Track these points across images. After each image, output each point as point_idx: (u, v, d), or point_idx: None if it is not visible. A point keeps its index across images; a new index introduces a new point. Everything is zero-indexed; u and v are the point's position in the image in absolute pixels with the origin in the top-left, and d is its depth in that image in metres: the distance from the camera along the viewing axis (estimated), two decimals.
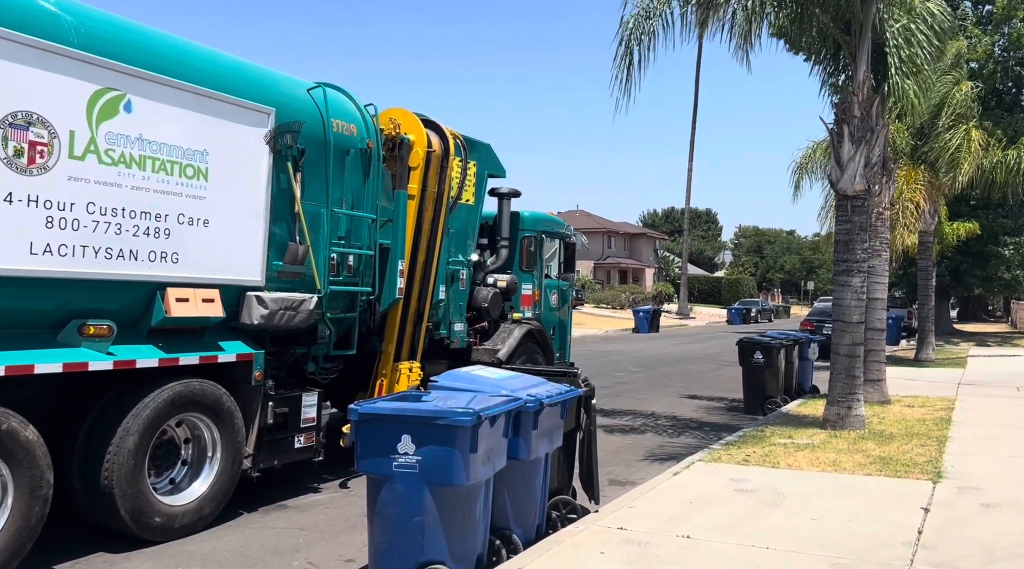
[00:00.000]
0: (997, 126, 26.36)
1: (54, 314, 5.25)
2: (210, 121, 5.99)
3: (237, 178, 6.19)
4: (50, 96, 5.01)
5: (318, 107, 6.99)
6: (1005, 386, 14.82)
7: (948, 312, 40.00)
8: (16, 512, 4.75)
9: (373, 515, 4.39)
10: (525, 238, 10.45)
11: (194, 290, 5.86)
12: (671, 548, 5.13)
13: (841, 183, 9.87)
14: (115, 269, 5.38)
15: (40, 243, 4.97)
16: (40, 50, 4.94)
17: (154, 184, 5.61)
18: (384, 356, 7.99)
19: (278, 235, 6.53)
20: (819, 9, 10.11)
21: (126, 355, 5.47)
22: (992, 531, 5.63)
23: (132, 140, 5.47)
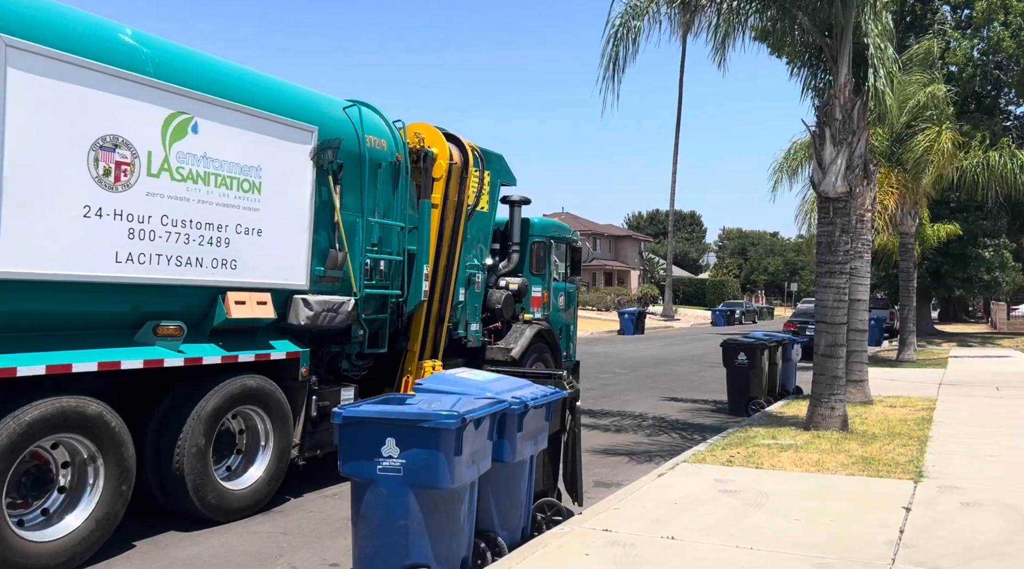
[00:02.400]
0: (976, 129, 26.67)
1: (131, 316, 5.82)
2: (263, 139, 6.58)
3: (285, 191, 6.78)
4: (131, 120, 5.58)
5: (353, 124, 7.60)
6: (985, 386, 14.98)
7: (929, 313, 40.37)
8: (106, 492, 5.34)
9: (357, 518, 4.37)
10: (535, 243, 11.11)
11: (250, 293, 6.45)
12: (656, 549, 5.15)
13: (823, 185, 9.94)
14: (184, 275, 5.97)
15: (123, 252, 5.54)
16: (123, 79, 5.53)
17: (216, 197, 6.20)
18: (409, 354, 8.58)
19: (320, 243, 7.12)
20: (800, 12, 10.19)
21: (194, 353, 6.08)
22: (972, 530, 5.69)
23: (198, 158, 6.06)
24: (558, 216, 63.10)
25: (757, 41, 12.29)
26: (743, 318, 52.34)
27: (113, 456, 5.37)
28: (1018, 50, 27.50)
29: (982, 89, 30.60)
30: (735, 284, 77.15)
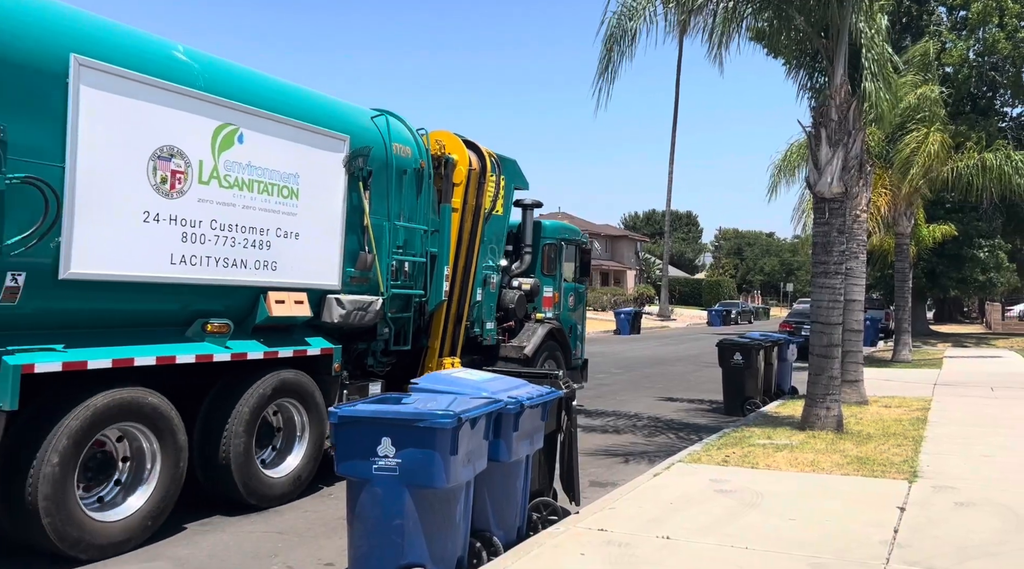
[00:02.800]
0: (972, 130, 26.73)
1: (182, 314, 6.23)
2: (301, 148, 6.99)
3: (320, 197, 7.20)
4: (185, 131, 5.97)
5: (381, 133, 8.03)
6: (980, 386, 15.02)
7: (924, 313, 40.49)
8: (163, 476, 5.74)
9: (353, 518, 4.37)
10: (546, 245, 11.48)
11: (288, 293, 6.87)
12: (651, 549, 5.15)
13: (819, 186, 9.96)
14: (230, 276, 6.38)
15: (177, 255, 5.95)
16: (178, 94, 5.92)
17: (259, 203, 6.60)
18: (430, 351, 9.00)
19: (351, 245, 7.53)
20: (797, 12, 10.20)
21: (239, 348, 6.50)
22: (966, 529, 5.71)
23: (243, 166, 6.45)
24: (555, 216, 63.09)
25: (754, 42, 12.32)
26: (739, 318, 52.38)
27: (169, 443, 5.77)
28: (1014, 51, 27.59)
29: (978, 90, 30.69)
30: (731, 284, 77.20)
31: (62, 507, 5.09)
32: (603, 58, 9.91)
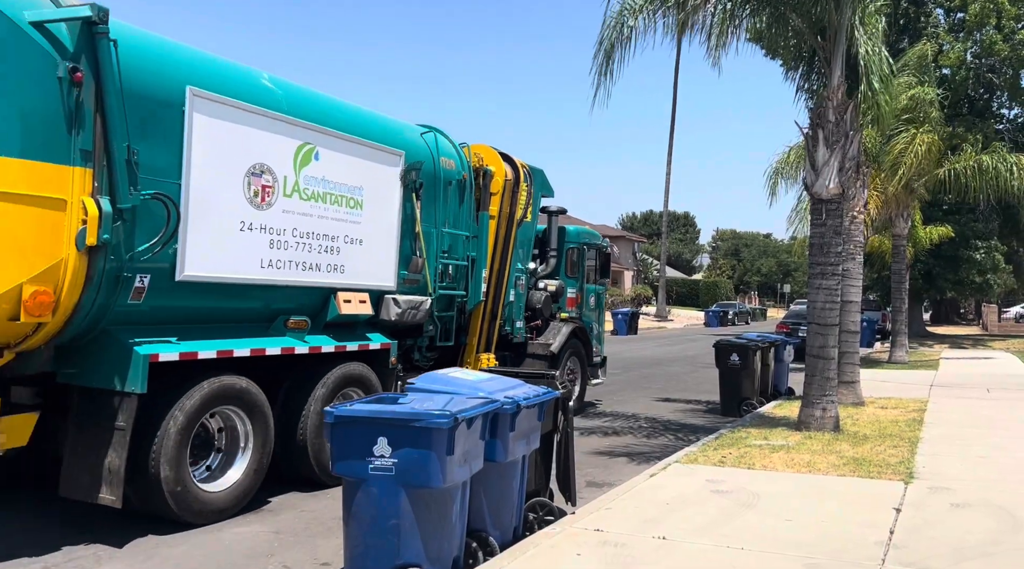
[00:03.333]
0: (969, 131, 26.78)
1: (266, 311, 7.03)
2: (365, 163, 7.79)
3: (380, 207, 8.00)
4: (272, 150, 6.76)
5: (429, 148, 8.89)
6: (976, 388, 15.05)
7: (921, 315, 40.55)
8: (255, 452, 6.51)
9: (349, 518, 4.36)
10: (570, 249, 12.23)
11: (354, 293, 7.69)
12: (647, 549, 5.15)
13: (816, 187, 9.97)
14: (307, 278, 7.17)
15: (266, 260, 6.74)
16: (266, 117, 6.70)
17: (331, 213, 7.38)
18: (468, 347, 9.85)
19: (404, 250, 8.38)
20: (795, 13, 10.21)
21: (315, 342, 7.28)
22: (962, 530, 5.72)
23: (319, 181, 7.24)
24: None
25: (752, 42, 12.33)
26: (736, 319, 52.40)
27: (260, 424, 6.54)
28: (1011, 53, 27.64)
29: (975, 92, 30.73)
30: (728, 285, 77.24)
31: (179, 477, 5.87)
32: (602, 58, 9.91)
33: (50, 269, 5.27)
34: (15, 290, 5.13)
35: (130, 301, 5.80)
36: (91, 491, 5.61)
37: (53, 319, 5.40)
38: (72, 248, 5.33)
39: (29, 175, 5.14)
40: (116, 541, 5.67)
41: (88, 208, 5.34)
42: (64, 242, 5.31)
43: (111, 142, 5.48)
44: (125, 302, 5.80)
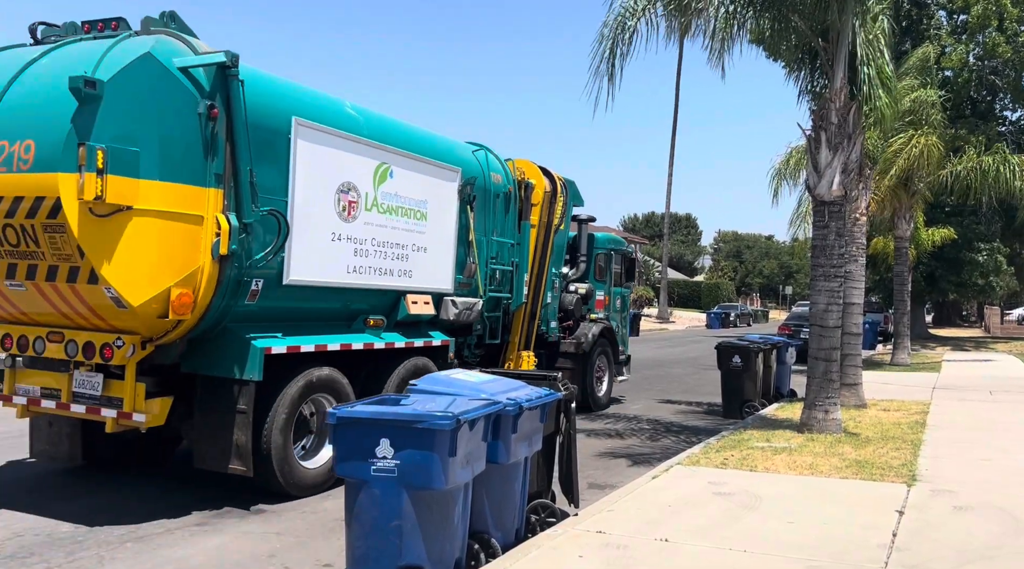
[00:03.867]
0: (972, 133, 26.74)
1: (347, 311, 7.97)
2: (429, 180, 8.71)
3: (440, 218, 8.91)
4: (356, 170, 7.66)
5: (480, 164, 9.84)
6: (978, 390, 15.02)
7: (923, 317, 40.49)
8: None
9: (351, 519, 4.36)
10: (598, 254, 13.09)
11: (419, 295, 8.65)
12: (649, 551, 5.15)
13: (818, 189, 9.96)
14: (383, 282, 8.13)
15: (351, 266, 7.69)
16: (351, 141, 7.60)
17: (401, 225, 8.32)
18: (511, 345, 10.78)
19: (460, 257, 9.31)
20: (797, 15, 10.20)
21: (389, 339, 8.22)
22: (965, 533, 5.71)
23: (392, 196, 8.17)
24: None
25: (754, 44, 12.31)
26: (738, 321, 52.36)
27: None
28: (1014, 55, 27.60)
29: (977, 94, 30.69)
30: (730, 287, 77.19)
31: (285, 454, 6.79)
32: (602, 61, 9.91)
33: (191, 275, 6.22)
34: (165, 292, 6.07)
35: (246, 302, 6.76)
36: (222, 462, 6.60)
37: (190, 317, 6.33)
38: (208, 257, 6.29)
39: (176, 196, 6.09)
40: (116, 542, 5.68)
41: (221, 223, 6.31)
42: (201, 252, 6.27)
43: (238, 166, 6.43)
44: (243, 303, 6.74)
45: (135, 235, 5.86)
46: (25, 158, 5.71)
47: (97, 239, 5.71)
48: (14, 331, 6.68)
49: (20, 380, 6.88)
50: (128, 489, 7.12)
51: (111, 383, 6.46)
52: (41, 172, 5.64)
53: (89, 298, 5.99)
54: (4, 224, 5.89)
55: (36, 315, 6.51)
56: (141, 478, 7.48)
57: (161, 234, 6.01)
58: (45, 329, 6.54)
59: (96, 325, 6.32)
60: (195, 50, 6.33)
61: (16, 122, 5.82)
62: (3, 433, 9.01)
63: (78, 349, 6.37)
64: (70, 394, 6.60)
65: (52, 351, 6.49)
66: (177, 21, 6.54)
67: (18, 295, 6.31)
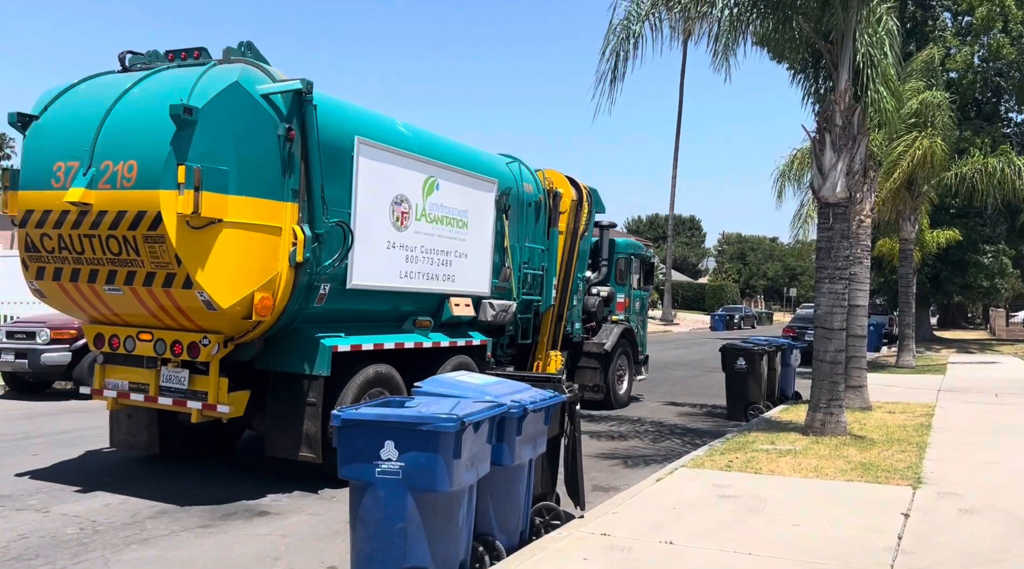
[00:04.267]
0: (977, 135, 26.69)
1: (397, 313, 8.59)
2: (470, 191, 9.33)
3: (479, 226, 9.56)
4: (408, 183, 8.30)
5: (514, 176, 10.48)
6: (984, 392, 14.98)
7: (928, 319, 40.37)
8: None
9: (355, 521, 4.36)
10: (619, 259, 13.67)
11: (461, 298, 9.27)
12: (654, 554, 5.14)
13: (823, 191, 9.95)
14: (430, 285, 8.77)
15: (403, 271, 8.31)
16: (404, 157, 8.23)
17: (446, 233, 8.93)
18: (540, 345, 11.36)
19: (496, 262, 9.95)
20: (802, 18, 10.20)
21: (435, 338, 8.85)
22: (971, 536, 5.69)
23: (438, 206, 8.77)
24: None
25: (758, 46, 12.31)
26: (742, 323, 52.30)
27: None
28: (1018, 57, 27.54)
29: (982, 96, 30.62)
30: (734, 289, 77.11)
31: None
32: (607, 65, 9.93)
33: (271, 280, 6.86)
34: (249, 296, 6.70)
35: (315, 305, 7.35)
36: (293, 451, 7.12)
37: (269, 318, 6.96)
38: (285, 264, 6.92)
39: (258, 210, 6.73)
40: (121, 544, 5.69)
41: (297, 234, 6.95)
42: (279, 259, 6.90)
43: (311, 182, 7.04)
44: (312, 305, 7.33)
45: (224, 245, 6.51)
46: (128, 177, 6.41)
47: (192, 249, 6.37)
48: (106, 331, 7.35)
49: (109, 375, 7.51)
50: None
51: (196, 378, 7.11)
52: (143, 189, 6.32)
53: (182, 301, 6.61)
54: (107, 235, 6.54)
55: (128, 316, 7.13)
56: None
57: (246, 244, 6.68)
58: (135, 329, 7.19)
59: (184, 325, 6.94)
60: (272, 77, 6.97)
61: (118, 144, 6.49)
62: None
63: (166, 347, 7.02)
64: (157, 388, 7.23)
65: (142, 349, 7.16)
66: (253, 50, 7.15)
67: (115, 298, 6.90)
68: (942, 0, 30.39)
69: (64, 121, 6.94)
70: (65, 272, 6.96)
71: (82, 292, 7.01)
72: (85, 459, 8.37)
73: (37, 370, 12.49)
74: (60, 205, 6.60)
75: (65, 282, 7.00)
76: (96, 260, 6.73)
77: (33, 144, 7.06)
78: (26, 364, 12.45)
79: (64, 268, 6.95)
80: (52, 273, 7.04)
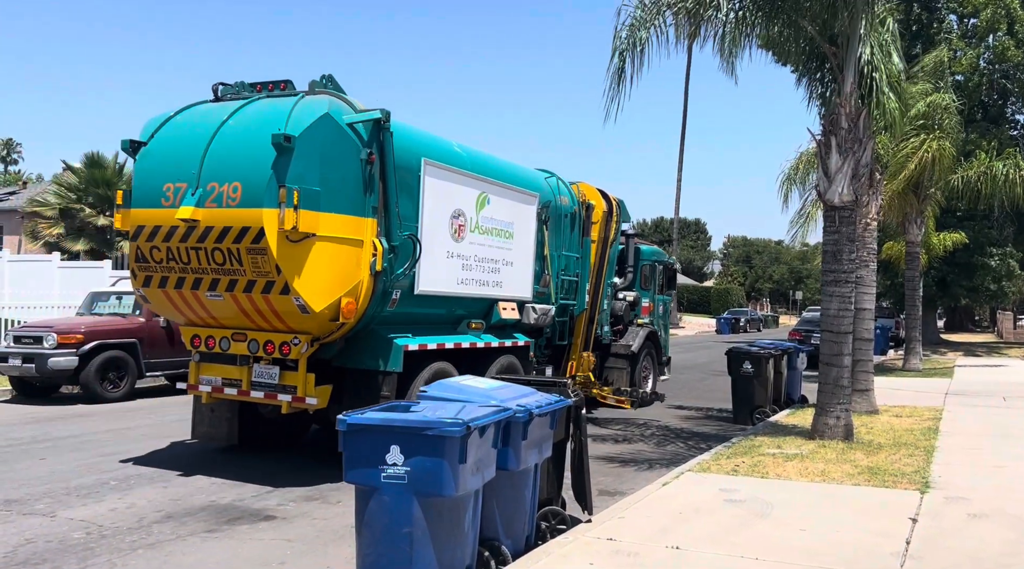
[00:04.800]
0: (983, 138, 26.60)
1: (452, 316, 9.39)
2: (515, 205, 10.16)
3: (522, 237, 10.35)
4: (463, 199, 9.14)
5: (552, 189, 11.30)
6: (991, 395, 14.92)
7: (935, 322, 40.22)
8: None
9: (361, 526, 4.36)
10: (644, 265, 14.38)
11: (508, 303, 10.10)
12: (660, 558, 5.13)
13: (829, 194, 9.92)
14: (482, 291, 9.61)
15: (460, 278, 9.16)
16: (460, 174, 9.07)
17: (495, 244, 9.76)
18: (573, 347, 12.04)
19: (537, 269, 10.74)
20: (806, 22, 10.19)
21: (486, 339, 9.66)
22: (979, 541, 5.66)
23: (489, 219, 9.60)
24: None
25: (763, 50, 12.29)
26: (748, 326, 52.15)
27: None
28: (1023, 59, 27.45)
29: (988, 98, 30.54)
30: (740, 292, 76.97)
31: None
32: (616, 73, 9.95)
33: (355, 287, 7.69)
34: (337, 301, 7.53)
35: (388, 309, 8.18)
36: None
37: (352, 320, 7.75)
38: (366, 272, 7.76)
39: (345, 225, 7.58)
40: (127, 549, 5.70)
41: (376, 246, 7.77)
42: (361, 268, 7.75)
43: (388, 200, 7.91)
44: (386, 309, 8.16)
45: (317, 256, 7.36)
46: (233, 197, 7.27)
47: (290, 259, 7.22)
48: (202, 333, 8.21)
49: (204, 372, 8.37)
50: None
51: (285, 374, 7.94)
52: (247, 208, 7.17)
53: (279, 306, 7.45)
54: (213, 248, 7.39)
55: (224, 319, 7.97)
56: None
57: (334, 255, 7.52)
58: (230, 330, 8.03)
59: (276, 327, 7.78)
60: (353, 107, 7.80)
61: (223, 168, 7.36)
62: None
63: (259, 346, 7.88)
64: (249, 383, 8.07)
65: (236, 348, 8.03)
66: (333, 82, 8.02)
67: (215, 303, 7.75)
68: (947, 2, 30.33)
69: (171, 147, 7.83)
70: (171, 280, 7.84)
71: (184, 298, 7.89)
72: (92, 463, 8.39)
73: (44, 374, 12.55)
74: (170, 221, 7.47)
75: (170, 289, 7.89)
76: (200, 269, 7.60)
77: (143, 167, 7.97)
78: (33, 368, 12.50)
79: (170, 276, 7.83)
80: (158, 281, 7.92)
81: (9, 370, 12.89)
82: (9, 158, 76.75)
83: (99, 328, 13.02)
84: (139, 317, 13.49)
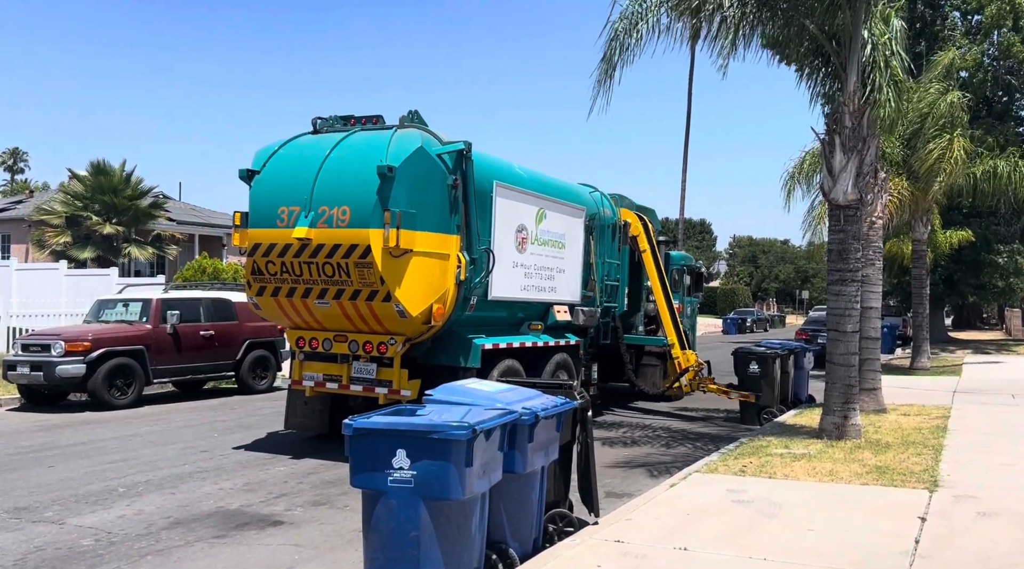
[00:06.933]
0: (988, 134, 26.50)
1: (514, 318, 10.66)
2: (567, 218, 11.47)
3: (572, 246, 11.65)
4: (525, 215, 10.46)
5: (596, 203, 12.64)
6: (1000, 394, 14.84)
7: (943, 320, 40.03)
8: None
9: (368, 530, 4.36)
10: (674, 270, 15.25)
11: (561, 306, 11.37)
12: (668, 560, 5.12)
13: (833, 193, 9.90)
14: (540, 296, 10.90)
15: (522, 285, 10.44)
16: (522, 193, 10.38)
17: (550, 253, 11.05)
18: (673, 347, 13.24)
19: (584, 275, 12.04)
20: (808, 20, 10.17)
21: (544, 339, 10.82)
22: (988, 540, 5.63)
23: (545, 232, 10.89)
24: None
25: (766, 49, 12.27)
26: (754, 326, 52.02)
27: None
28: None
29: (993, 94, 30.42)
30: (746, 292, 76.72)
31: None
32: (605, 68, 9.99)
33: (443, 294, 8.94)
34: (429, 306, 8.77)
35: (467, 313, 9.33)
36: None
37: (440, 323, 8.96)
38: (452, 282, 9.00)
39: (435, 241, 8.82)
40: (136, 555, 5.71)
41: (460, 259, 9.06)
42: (448, 278, 8.99)
43: (469, 219, 9.17)
44: (465, 313, 9.32)
45: (413, 268, 8.56)
46: (343, 218, 8.52)
47: (392, 272, 8.45)
48: (306, 335, 9.48)
49: (306, 370, 9.68)
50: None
51: (382, 370, 9.19)
52: (355, 228, 8.44)
53: (380, 311, 8.71)
54: (323, 262, 8.63)
55: (328, 323, 9.19)
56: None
57: (427, 267, 8.74)
58: (332, 333, 9.27)
59: (375, 329, 9.01)
60: (439, 139, 9.05)
61: (331, 193, 8.61)
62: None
63: (359, 346, 9.14)
64: (349, 378, 9.35)
65: (337, 348, 9.31)
66: (418, 117, 9.20)
67: (321, 310, 9.00)
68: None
69: (282, 174, 9.07)
70: (283, 290, 9.09)
71: (294, 305, 9.13)
72: (100, 470, 8.42)
73: (52, 382, 12.60)
74: (286, 239, 8.72)
75: (281, 297, 9.13)
76: (311, 280, 8.84)
77: (259, 192, 9.19)
78: (41, 376, 12.55)
79: (283, 287, 9.08)
80: (271, 291, 9.18)
81: (17, 378, 12.95)
82: (16, 167, 77.27)
83: (106, 335, 13.06)
84: (146, 324, 13.54)
